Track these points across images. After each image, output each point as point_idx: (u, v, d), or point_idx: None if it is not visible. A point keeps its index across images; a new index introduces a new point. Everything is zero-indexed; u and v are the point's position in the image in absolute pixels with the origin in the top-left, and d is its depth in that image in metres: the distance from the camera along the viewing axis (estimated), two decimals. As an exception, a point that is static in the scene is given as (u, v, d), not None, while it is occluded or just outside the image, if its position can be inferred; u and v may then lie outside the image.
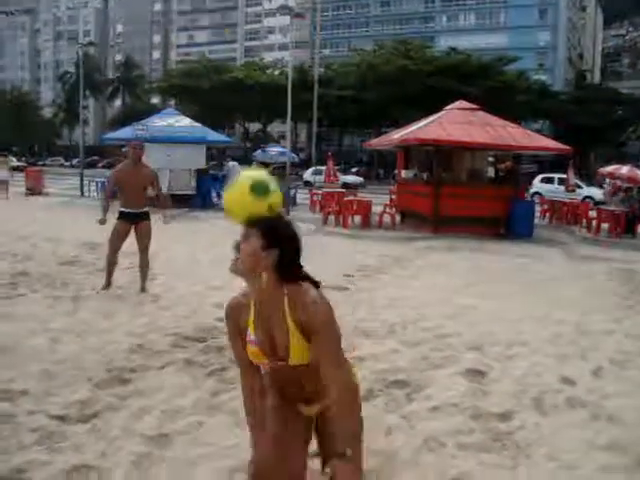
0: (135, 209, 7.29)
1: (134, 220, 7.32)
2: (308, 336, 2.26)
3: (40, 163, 65.24)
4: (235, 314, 2.43)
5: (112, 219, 7.29)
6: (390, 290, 8.04)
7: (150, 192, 7.47)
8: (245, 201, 2.27)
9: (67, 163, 73.14)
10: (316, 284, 2.38)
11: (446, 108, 17.37)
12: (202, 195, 20.44)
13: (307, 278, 2.39)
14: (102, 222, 7.24)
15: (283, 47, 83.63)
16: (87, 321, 5.98)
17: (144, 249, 7.43)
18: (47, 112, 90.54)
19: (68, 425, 3.74)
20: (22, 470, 3.20)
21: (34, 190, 25.74)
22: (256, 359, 2.41)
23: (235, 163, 24.37)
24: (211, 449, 3.48)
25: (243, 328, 2.40)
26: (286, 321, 2.28)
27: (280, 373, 2.45)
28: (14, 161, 38.84)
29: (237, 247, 2.31)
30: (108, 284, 7.37)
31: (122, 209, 7.34)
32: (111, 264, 7.39)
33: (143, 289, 7.37)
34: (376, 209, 17.13)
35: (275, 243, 2.26)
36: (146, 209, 7.44)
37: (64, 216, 16.60)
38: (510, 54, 59.76)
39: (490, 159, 17.90)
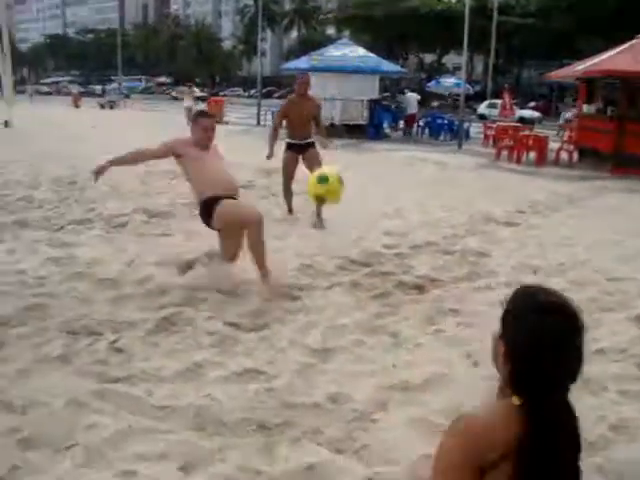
0: (301, 140, 7.56)
1: (301, 150, 7.59)
2: None
3: (221, 93, 68.21)
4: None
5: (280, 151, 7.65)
6: (561, 229, 7.70)
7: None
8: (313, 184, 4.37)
9: (245, 93, 75.92)
10: None
11: (639, 36, 15.82)
12: (374, 126, 20.45)
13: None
14: (269, 156, 7.63)
15: (462, -27, 79.85)
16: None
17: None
18: (227, 44, 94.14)
19: (241, 332, 4.07)
20: (200, 366, 3.55)
21: (216, 119, 27.13)
22: None
23: (413, 94, 23.99)
24: (371, 366, 3.63)
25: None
26: None
27: None
28: (197, 92, 40.95)
29: None
30: (290, 210, 7.81)
31: (289, 140, 7.68)
32: (287, 193, 7.80)
33: (318, 215, 7.36)
34: (553, 146, 16.25)
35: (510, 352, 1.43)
36: (311, 139, 7.68)
37: (242, 143, 17.41)
38: None
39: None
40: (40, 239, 6.26)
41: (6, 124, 20.59)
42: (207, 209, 4.84)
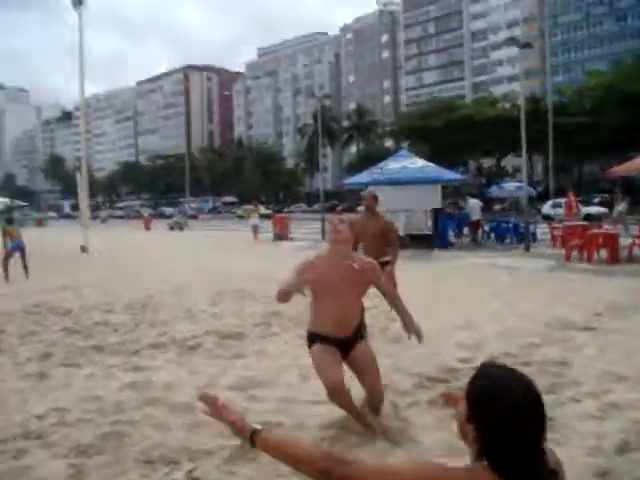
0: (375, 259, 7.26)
1: None
2: None
3: (285, 210, 70.20)
4: None
5: None
6: (646, 332, 7.34)
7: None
8: None
9: (309, 208, 77.87)
10: None
11: None
12: (440, 234, 20.50)
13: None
14: None
15: (512, 79, 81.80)
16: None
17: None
18: (289, 162, 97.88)
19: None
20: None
21: (281, 236, 27.81)
22: None
23: (475, 200, 24.10)
24: None
25: None
26: None
27: None
28: (262, 209, 42.33)
29: None
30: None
31: None
32: None
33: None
34: (623, 241, 15.86)
35: (478, 420, 1.56)
36: (387, 258, 7.25)
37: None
38: None
39: None
40: (116, 364, 6.36)
41: (82, 249, 21.60)
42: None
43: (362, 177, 22.33)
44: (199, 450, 4.08)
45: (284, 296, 4.15)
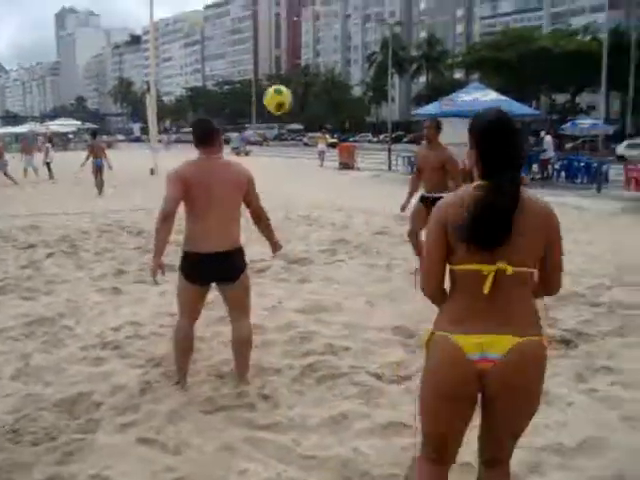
0: (433, 192, 6.58)
1: (431, 205, 6.79)
2: None
3: (350, 139, 69.53)
4: None
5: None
6: None
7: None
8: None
9: (375, 139, 76.90)
10: None
11: None
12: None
13: None
14: (402, 208, 7.01)
15: (594, 9, 77.33)
16: (400, 288, 6.34)
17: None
18: (357, 91, 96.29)
19: (385, 383, 4.05)
20: (345, 416, 3.56)
21: (347, 164, 27.67)
22: None
23: (549, 136, 23.34)
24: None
25: None
26: None
27: None
28: (329, 138, 42.03)
29: None
30: (418, 253, 6.83)
31: (422, 192, 6.88)
32: (413, 244, 6.99)
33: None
34: None
35: (474, 138, 2.30)
36: (444, 193, 6.80)
37: (374, 189, 17.56)
38: None
39: None
40: (188, 283, 6.57)
41: (152, 172, 22.07)
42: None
43: (432, 108, 21.79)
44: (269, 369, 4.23)
45: None
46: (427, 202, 6.65)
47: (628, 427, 3.48)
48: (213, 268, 3.84)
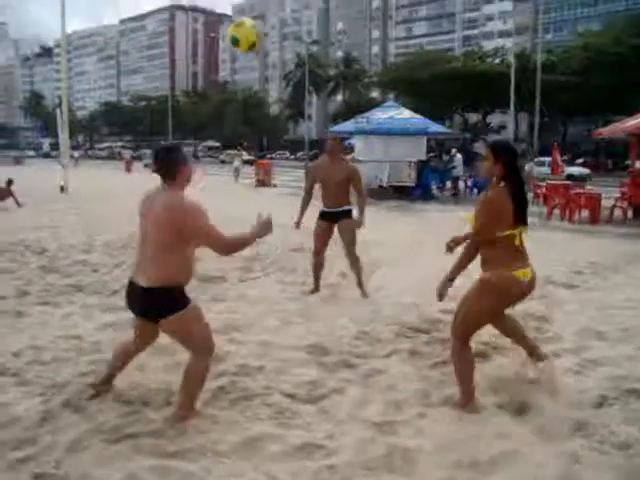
0: (336, 207, 6.61)
1: (333, 220, 6.66)
2: None
3: (268, 157, 69.57)
4: None
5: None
6: (625, 290, 7.38)
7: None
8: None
9: (292, 156, 77.24)
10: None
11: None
12: (422, 186, 20.45)
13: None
14: (296, 225, 6.84)
15: (503, 34, 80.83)
16: (315, 305, 6.27)
17: (348, 253, 6.77)
18: (274, 109, 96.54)
19: (299, 403, 3.95)
20: (258, 439, 3.44)
21: (264, 182, 27.59)
22: None
23: (459, 154, 24.09)
24: (435, 440, 3.46)
25: None
26: None
27: None
28: (245, 155, 41.90)
29: None
30: (316, 288, 6.87)
31: (321, 208, 6.76)
32: (315, 268, 6.87)
33: (363, 294, 6.79)
34: (605, 203, 15.91)
35: (502, 158, 3.78)
36: (347, 207, 6.68)
37: (290, 206, 17.47)
38: None
39: None
40: (95, 304, 6.30)
41: (62, 189, 21.27)
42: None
43: (347, 126, 22.10)
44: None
45: None
46: (328, 218, 6.65)
47: (539, 439, 3.51)
48: (134, 301, 3.69)
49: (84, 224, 12.41)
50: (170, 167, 3.55)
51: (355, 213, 6.72)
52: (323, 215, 6.73)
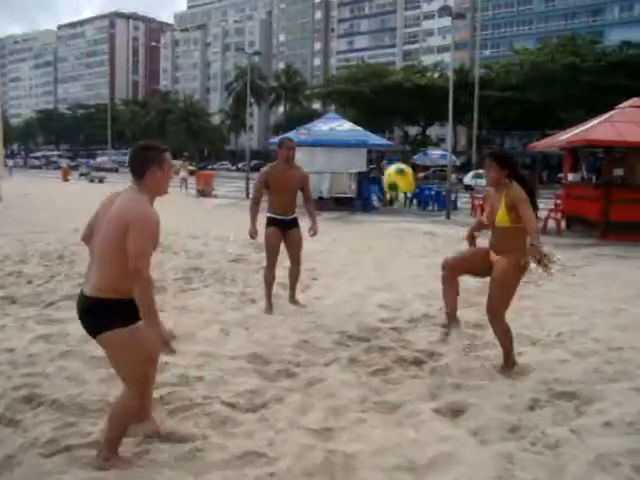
0: (289, 215, 6.57)
1: (286, 227, 6.58)
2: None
3: (209, 167, 69.07)
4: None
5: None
6: (556, 298, 7.65)
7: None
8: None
9: (233, 167, 76.94)
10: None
11: (618, 107, 16.27)
12: (363, 198, 20.67)
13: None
14: (252, 235, 6.52)
15: (442, 49, 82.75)
16: (255, 316, 6.27)
17: (294, 260, 6.76)
18: (216, 119, 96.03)
19: (239, 412, 3.94)
20: (199, 449, 3.42)
21: (205, 192, 27.45)
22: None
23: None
24: (374, 446, 3.51)
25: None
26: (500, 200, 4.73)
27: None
28: (188, 166, 41.65)
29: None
30: (269, 307, 6.60)
31: (270, 215, 6.61)
32: (269, 283, 6.69)
33: (292, 298, 6.85)
34: (539, 214, 16.38)
35: (508, 165, 4.69)
36: (295, 215, 6.67)
37: (231, 217, 17.46)
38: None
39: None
40: (30, 316, 6.14)
41: (-5, 198, 20.64)
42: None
43: (289, 136, 22.12)
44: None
45: None
46: (281, 225, 6.53)
47: (476, 442, 3.60)
48: (78, 311, 3.32)
49: (18, 234, 12.07)
50: (139, 165, 3.23)
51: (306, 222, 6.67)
52: (275, 222, 6.54)
